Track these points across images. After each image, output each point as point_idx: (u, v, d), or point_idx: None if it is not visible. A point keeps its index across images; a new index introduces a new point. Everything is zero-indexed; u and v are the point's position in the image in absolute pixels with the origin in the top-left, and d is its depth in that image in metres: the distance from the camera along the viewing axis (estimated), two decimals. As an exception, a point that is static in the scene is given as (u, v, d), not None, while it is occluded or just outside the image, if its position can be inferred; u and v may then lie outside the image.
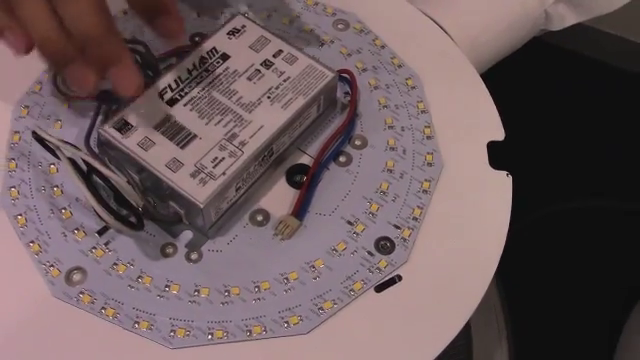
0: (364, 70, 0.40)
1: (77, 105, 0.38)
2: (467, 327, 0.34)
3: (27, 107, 0.38)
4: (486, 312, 0.48)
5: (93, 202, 0.30)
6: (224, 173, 0.32)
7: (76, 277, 0.33)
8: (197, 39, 0.40)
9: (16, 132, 0.37)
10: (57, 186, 0.35)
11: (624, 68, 0.72)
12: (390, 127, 0.38)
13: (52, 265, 0.33)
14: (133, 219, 0.32)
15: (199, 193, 0.32)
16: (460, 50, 0.41)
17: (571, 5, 0.45)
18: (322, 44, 0.41)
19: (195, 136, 0.33)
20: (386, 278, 0.33)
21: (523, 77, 0.42)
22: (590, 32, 0.69)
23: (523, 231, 0.35)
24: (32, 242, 0.33)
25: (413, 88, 0.39)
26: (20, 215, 0.34)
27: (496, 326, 0.53)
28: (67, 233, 0.34)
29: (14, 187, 0.35)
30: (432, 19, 0.43)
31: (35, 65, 0.38)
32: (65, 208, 0.34)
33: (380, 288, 0.33)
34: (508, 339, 0.51)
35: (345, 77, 0.38)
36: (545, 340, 0.61)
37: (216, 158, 0.33)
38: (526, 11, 0.45)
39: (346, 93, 0.39)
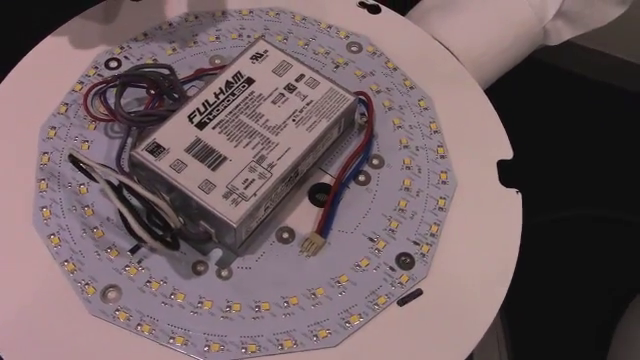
0: (378, 92, 0.42)
1: (102, 127, 0.39)
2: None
3: (54, 128, 0.39)
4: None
5: (133, 223, 0.31)
6: (255, 194, 0.34)
7: (111, 295, 0.34)
8: (217, 62, 0.42)
9: (45, 153, 0.38)
10: (88, 206, 0.36)
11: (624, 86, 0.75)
12: (405, 147, 0.40)
13: (87, 283, 0.34)
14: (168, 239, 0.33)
15: (232, 213, 0.33)
16: (466, 70, 0.43)
17: (568, 21, 0.48)
18: (337, 66, 0.42)
19: (225, 158, 0.35)
20: (408, 292, 0.35)
21: (517, 94, 0.44)
22: (576, 49, 0.72)
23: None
24: (66, 261, 0.35)
25: (425, 109, 0.41)
26: (53, 235, 0.35)
27: (495, 333, 0.55)
28: (100, 252, 0.35)
29: (46, 207, 0.36)
30: (438, 40, 0.45)
31: (59, 86, 0.40)
32: (97, 227, 0.36)
33: (403, 302, 0.35)
34: (507, 344, 0.53)
35: (362, 99, 0.40)
36: (542, 344, 0.63)
37: (246, 180, 0.34)
38: (526, 29, 0.47)
39: (362, 114, 0.40)
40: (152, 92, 0.39)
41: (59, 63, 0.41)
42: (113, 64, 0.41)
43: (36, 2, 0.65)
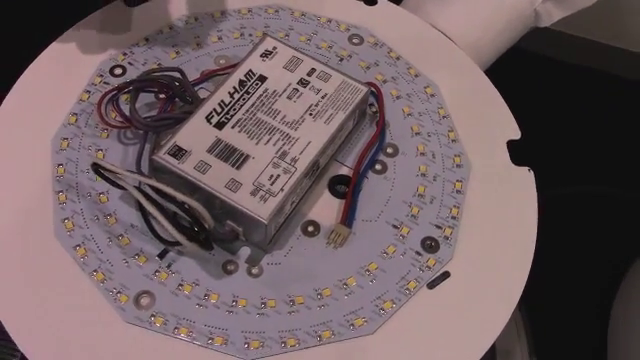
0: (385, 81, 0.42)
1: (114, 135, 0.39)
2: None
3: (66, 139, 0.38)
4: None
5: (167, 225, 0.31)
6: (282, 189, 0.34)
7: (144, 301, 0.34)
8: (223, 62, 0.42)
9: (59, 165, 0.37)
10: (110, 214, 0.36)
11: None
12: (417, 134, 0.40)
13: (119, 292, 0.34)
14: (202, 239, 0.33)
15: (262, 210, 0.33)
16: (466, 55, 0.44)
17: (557, 2, 0.49)
18: (341, 59, 0.43)
19: (248, 156, 0.35)
20: (436, 275, 0.36)
21: (510, 84, 0.45)
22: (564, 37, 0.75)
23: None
24: (95, 271, 0.34)
25: (432, 96, 0.42)
26: (79, 246, 0.35)
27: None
28: (128, 259, 0.35)
29: (67, 219, 0.36)
30: (435, 27, 0.45)
31: (66, 97, 0.40)
32: (122, 235, 0.35)
33: (432, 285, 0.35)
34: (522, 316, 0.54)
35: (371, 90, 0.40)
36: (548, 311, 0.65)
37: (272, 176, 0.34)
38: (518, 12, 0.48)
39: (370, 105, 0.41)
40: (163, 96, 0.39)
41: (62, 73, 0.41)
42: (118, 71, 0.41)
43: (33, 12, 0.64)
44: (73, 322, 0.33)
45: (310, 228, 0.36)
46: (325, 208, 0.37)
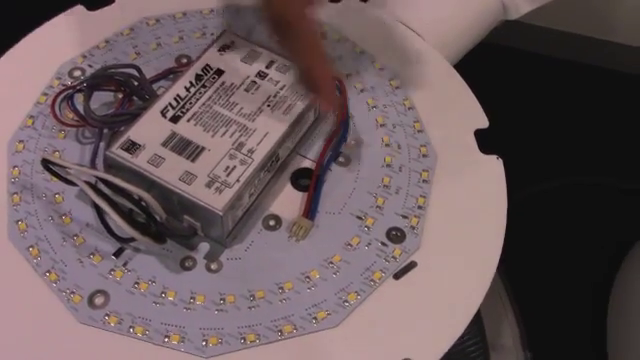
0: (348, 75, 0.41)
1: (72, 134, 0.38)
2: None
3: (22, 142, 0.37)
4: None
5: (118, 219, 0.30)
6: (238, 180, 0.33)
7: (98, 300, 0.33)
8: (184, 61, 0.41)
9: (15, 166, 0.37)
10: (65, 214, 0.35)
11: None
12: (382, 125, 0.39)
13: (72, 292, 0.33)
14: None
15: (217, 201, 0.32)
16: (433, 48, 0.44)
17: None
18: (304, 55, 0.42)
19: (203, 148, 0.34)
20: (402, 265, 0.34)
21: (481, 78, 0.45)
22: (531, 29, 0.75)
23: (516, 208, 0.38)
24: (48, 272, 0.33)
25: (397, 88, 0.41)
26: (32, 247, 0.34)
27: (500, 299, 0.55)
28: (83, 259, 0.34)
29: (21, 220, 0.35)
30: (402, 22, 0.45)
31: (24, 100, 0.39)
32: (77, 234, 0.34)
33: (398, 275, 0.34)
34: (514, 310, 0.53)
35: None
36: (546, 305, 0.63)
37: (228, 167, 0.33)
38: (485, 5, 0.48)
39: (334, 98, 0.40)
40: (120, 96, 0.38)
41: (20, 77, 0.40)
42: (77, 73, 0.40)
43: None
44: (25, 324, 0.32)
45: (272, 222, 0.35)
46: (287, 202, 0.36)
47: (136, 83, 0.37)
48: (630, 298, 0.59)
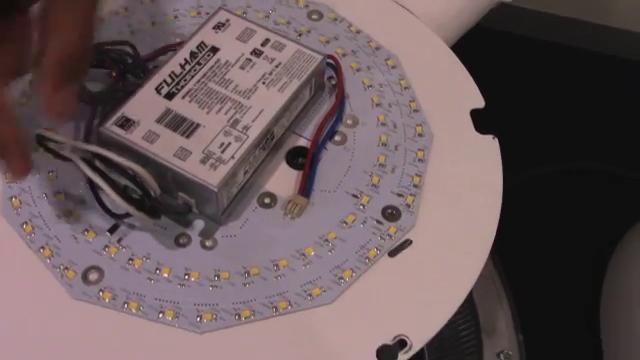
0: (344, 55, 0.41)
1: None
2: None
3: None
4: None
5: (113, 194, 0.30)
6: (233, 157, 0.33)
7: (93, 276, 0.33)
8: (178, 40, 0.41)
9: (8, 144, 0.36)
10: (59, 192, 0.35)
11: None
12: (378, 105, 0.39)
13: (67, 268, 0.33)
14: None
15: (212, 177, 0.32)
16: (429, 29, 0.43)
17: None
18: (300, 34, 0.42)
19: (198, 125, 0.34)
20: (397, 243, 0.34)
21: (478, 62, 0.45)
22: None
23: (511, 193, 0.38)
24: (43, 248, 0.33)
25: (393, 67, 0.41)
26: (25, 223, 0.34)
27: (493, 284, 0.55)
28: (77, 235, 0.34)
29: (15, 197, 0.35)
30: (398, 3, 0.45)
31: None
32: (71, 211, 0.34)
33: (393, 253, 0.34)
34: (507, 294, 0.53)
35: (329, 62, 0.39)
36: (541, 292, 0.64)
37: (223, 143, 0.33)
38: None
39: (329, 78, 0.40)
40: (114, 73, 0.38)
41: (14, 55, 0.40)
42: (71, 51, 0.40)
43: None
44: (20, 299, 0.32)
45: (267, 200, 0.35)
46: (282, 180, 0.36)
47: (130, 61, 0.37)
48: (623, 283, 0.60)
